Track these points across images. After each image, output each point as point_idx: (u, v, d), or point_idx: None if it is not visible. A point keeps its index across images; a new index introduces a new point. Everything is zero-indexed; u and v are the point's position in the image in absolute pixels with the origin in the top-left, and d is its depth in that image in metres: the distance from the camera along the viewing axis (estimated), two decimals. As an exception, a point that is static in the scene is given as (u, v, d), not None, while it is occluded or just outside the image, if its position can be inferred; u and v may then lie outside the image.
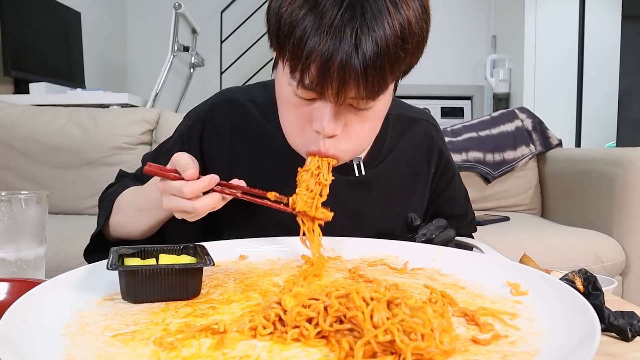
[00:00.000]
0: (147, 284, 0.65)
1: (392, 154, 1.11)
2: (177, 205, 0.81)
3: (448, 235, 0.94)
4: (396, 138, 1.12)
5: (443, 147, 1.20)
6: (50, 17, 3.50)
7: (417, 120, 1.18)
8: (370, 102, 0.81)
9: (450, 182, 1.22)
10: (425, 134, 1.17)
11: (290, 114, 0.87)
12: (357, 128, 0.85)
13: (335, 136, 0.84)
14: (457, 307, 0.61)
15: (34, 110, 2.67)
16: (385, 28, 0.74)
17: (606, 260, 2.06)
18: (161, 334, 0.55)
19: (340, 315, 0.53)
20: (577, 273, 0.69)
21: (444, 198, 1.22)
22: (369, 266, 0.83)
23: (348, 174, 1.07)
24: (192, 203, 0.80)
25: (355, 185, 1.07)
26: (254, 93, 1.11)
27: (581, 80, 3.97)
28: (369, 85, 0.76)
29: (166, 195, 0.82)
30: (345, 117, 0.83)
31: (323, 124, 0.81)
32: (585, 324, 0.52)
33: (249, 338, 0.53)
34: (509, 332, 0.55)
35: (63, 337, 0.54)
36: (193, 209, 0.80)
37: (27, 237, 0.85)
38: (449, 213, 1.21)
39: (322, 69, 0.74)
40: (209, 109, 1.10)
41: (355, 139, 0.87)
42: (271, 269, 0.80)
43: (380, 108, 0.87)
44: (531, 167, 2.77)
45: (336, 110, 0.81)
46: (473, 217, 1.32)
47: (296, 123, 0.87)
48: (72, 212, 2.59)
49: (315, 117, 0.83)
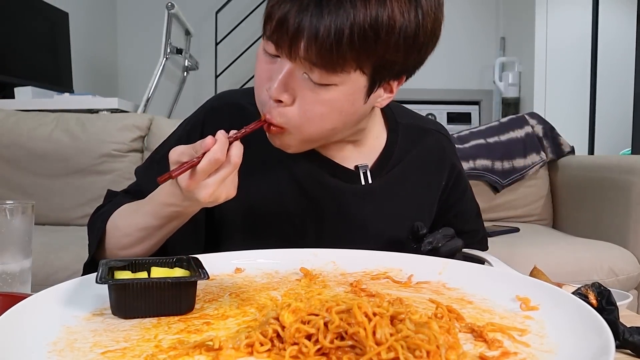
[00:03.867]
0: (138, 298, 0.65)
1: (401, 163, 1.11)
2: (216, 181, 0.80)
3: (455, 245, 0.94)
4: (406, 148, 1.12)
5: (455, 159, 1.21)
6: (37, 18, 3.52)
7: (429, 130, 1.18)
8: (324, 75, 0.84)
9: (462, 196, 1.22)
10: (436, 145, 1.18)
11: (257, 72, 0.93)
12: (309, 105, 0.88)
13: (281, 102, 0.88)
14: (464, 323, 0.61)
15: (20, 115, 2.68)
16: (357, 10, 0.80)
17: (621, 274, 2.06)
18: (153, 350, 0.55)
19: (341, 332, 0.53)
20: (591, 287, 0.70)
21: (454, 213, 1.21)
22: (372, 279, 0.83)
23: (354, 182, 1.07)
24: (228, 161, 0.80)
25: (361, 194, 1.07)
26: (251, 94, 1.09)
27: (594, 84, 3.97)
28: (322, 51, 0.81)
29: (197, 187, 0.80)
30: (298, 88, 0.87)
31: (272, 84, 0.87)
32: (598, 340, 0.52)
33: (245, 355, 0.53)
34: (518, 349, 0.55)
35: (50, 355, 0.54)
36: (233, 165, 0.80)
37: (12, 249, 0.85)
38: (459, 229, 1.20)
39: (281, 20, 0.83)
40: (209, 112, 1.11)
41: (304, 114, 0.89)
42: (269, 283, 0.80)
43: (340, 99, 0.88)
44: (542, 176, 2.77)
45: (289, 76, 0.86)
46: (485, 234, 1.30)
47: (259, 81, 0.92)
48: (60, 222, 2.58)
49: (272, 78, 0.88)
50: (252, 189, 1.02)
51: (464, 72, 4.90)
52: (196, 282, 0.68)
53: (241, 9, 4.55)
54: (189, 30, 4.19)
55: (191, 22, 4.17)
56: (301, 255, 0.90)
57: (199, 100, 1.16)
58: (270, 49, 0.88)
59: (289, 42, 0.83)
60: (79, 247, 2.00)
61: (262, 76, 0.91)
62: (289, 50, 0.84)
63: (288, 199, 1.05)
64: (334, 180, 1.06)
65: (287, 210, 1.05)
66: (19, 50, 3.32)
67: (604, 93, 4.02)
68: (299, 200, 1.05)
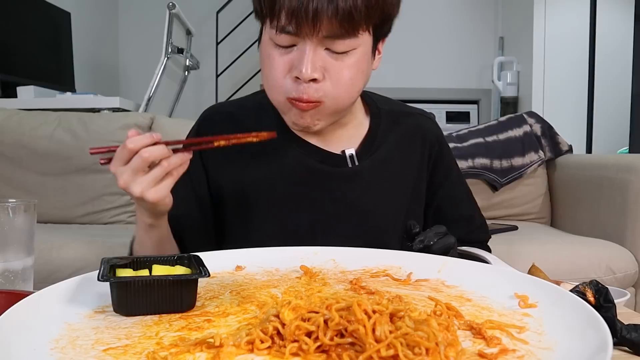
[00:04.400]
0: (139, 296, 0.65)
1: (384, 145, 1.16)
2: (147, 179, 0.85)
3: (447, 242, 0.94)
4: (389, 130, 1.18)
5: (440, 137, 1.25)
6: (39, 18, 3.51)
7: (410, 114, 1.24)
8: (345, 40, 0.93)
9: (448, 174, 1.25)
10: (418, 125, 1.22)
11: (271, 67, 0.98)
12: (338, 74, 0.96)
13: (315, 80, 0.95)
14: (463, 320, 0.61)
15: (22, 114, 2.68)
16: None
17: (618, 271, 2.06)
18: (154, 348, 0.55)
19: (341, 329, 0.53)
20: (588, 284, 0.69)
21: (443, 195, 1.23)
22: (371, 277, 0.83)
23: (341, 166, 1.12)
24: (161, 164, 0.85)
25: (350, 177, 1.12)
26: (242, 102, 1.21)
27: (592, 84, 3.97)
28: (343, 22, 0.90)
29: (131, 182, 0.85)
30: (324, 62, 0.95)
31: (302, 67, 0.93)
32: (596, 337, 0.52)
33: (246, 352, 0.53)
34: (517, 346, 0.55)
35: (52, 352, 0.54)
36: (163, 168, 0.85)
37: (14, 247, 0.85)
38: (455, 215, 1.22)
39: (296, 9, 0.89)
40: (201, 121, 1.18)
41: (337, 84, 0.97)
42: (269, 280, 0.80)
43: (359, 59, 0.98)
44: (540, 174, 2.77)
45: (314, 54, 0.93)
46: (483, 221, 1.31)
47: (276, 74, 0.97)
48: (62, 220, 2.58)
49: (295, 65, 0.95)
50: (247, 180, 1.10)
51: (463, 72, 4.89)
52: (197, 279, 0.68)
53: (242, 9, 4.54)
54: (190, 30, 4.18)
55: (192, 22, 4.17)
56: (301, 253, 0.90)
57: (200, 99, 1.20)
58: (283, 40, 0.95)
59: (311, 26, 0.90)
60: (80, 244, 2.01)
61: (280, 69, 0.97)
62: (311, 33, 0.91)
63: (281, 187, 1.10)
64: (322, 165, 1.11)
65: (281, 197, 1.09)
66: (22, 50, 3.32)
67: (602, 92, 4.03)
68: (292, 186, 1.11)
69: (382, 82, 4.81)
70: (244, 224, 1.10)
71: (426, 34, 4.80)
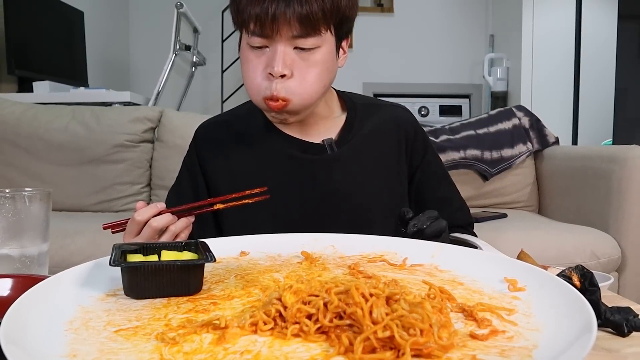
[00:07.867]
0: (149, 280, 0.64)
1: (361, 132, 1.21)
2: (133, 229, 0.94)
3: (439, 226, 0.94)
4: (364, 120, 1.22)
5: (414, 122, 1.28)
6: (54, 17, 3.50)
7: (385, 105, 1.29)
8: (309, 39, 1.00)
9: (425, 153, 1.26)
10: (393, 114, 1.26)
11: (249, 68, 1.04)
12: (304, 71, 1.02)
13: (285, 76, 1.01)
14: (456, 303, 0.61)
15: (38, 108, 2.67)
16: None
17: (602, 257, 2.06)
18: (163, 329, 0.54)
19: (340, 311, 0.53)
20: (574, 269, 0.69)
21: (421, 173, 1.25)
22: (369, 262, 0.83)
23: (322, 154, 1.16)
24: (148, 224, 0.93)
25: (330, 163, 1.16)
26: (234, 110, 1.27)
27: (578, 79, 3.95)
28: (300, 22, 0.98)
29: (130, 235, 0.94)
30: (293, 60, 1.01)
31: (273, 64, 1.00)
32: (581, 319, 0.52)
33: (250, 333, 0.53)
34: (506, 327, 0.55)
35: (66, 333, 0.54)
36: (153, 230, 0.92)
37: (30, 233, 0.85)
38: (432, 195, 1.25)
39: (259, 13, 0.97)
40: (197, 132, 1.24)
41: (304, 82, 1.02)
42: (272, 265, 0.80)
43: (325, 57, 1.04)
44: (528, 165, 2.76)
45: (284, 53, 1.00)
46: (463, 204, 1.31)
47: (253, 73, 1.04)
48: (75, 209, 2.58)
49: (268, 63, 1.01)
50: (239, 172, 1.17)
51: (455, 68, 4.88)
52: (204, 264, 0.68)
53: (246, 8, 4.52)
54: (197, 28, 4.17)
55: (199, 21, 4.16)
56: (302, 239, 0.90)
57: (206, 94, 1.23)
58: (256, 42, 1.02)
59: (274, 28, 0.98)
60: (93, 231, 2.01)
61: (256, 68, 1.03)
62: (276, 34, 0.99)
63: (270, 176, 1.14)
64: (305, 154, 1.16)
65: (271, 186, 1.09)
66: (37, 47, 3.31)
67: (587, 87, 4.01)
68: (280, 175, 1.16)
69: (380, 77, 4.81)
70: (239, 213, 1.10)
71: (421, 32, 4.79)
